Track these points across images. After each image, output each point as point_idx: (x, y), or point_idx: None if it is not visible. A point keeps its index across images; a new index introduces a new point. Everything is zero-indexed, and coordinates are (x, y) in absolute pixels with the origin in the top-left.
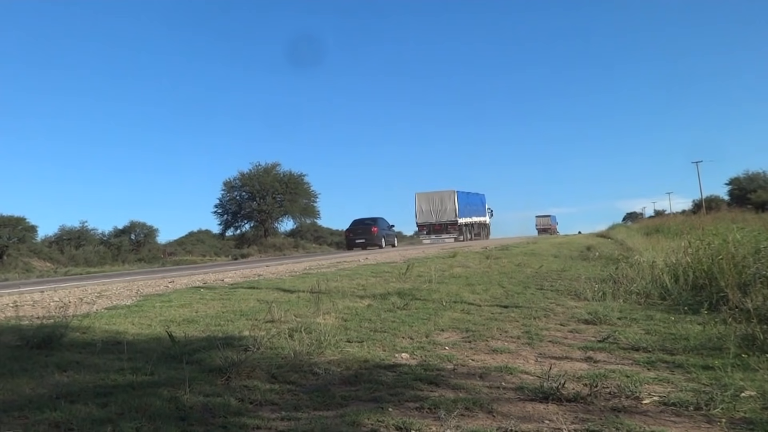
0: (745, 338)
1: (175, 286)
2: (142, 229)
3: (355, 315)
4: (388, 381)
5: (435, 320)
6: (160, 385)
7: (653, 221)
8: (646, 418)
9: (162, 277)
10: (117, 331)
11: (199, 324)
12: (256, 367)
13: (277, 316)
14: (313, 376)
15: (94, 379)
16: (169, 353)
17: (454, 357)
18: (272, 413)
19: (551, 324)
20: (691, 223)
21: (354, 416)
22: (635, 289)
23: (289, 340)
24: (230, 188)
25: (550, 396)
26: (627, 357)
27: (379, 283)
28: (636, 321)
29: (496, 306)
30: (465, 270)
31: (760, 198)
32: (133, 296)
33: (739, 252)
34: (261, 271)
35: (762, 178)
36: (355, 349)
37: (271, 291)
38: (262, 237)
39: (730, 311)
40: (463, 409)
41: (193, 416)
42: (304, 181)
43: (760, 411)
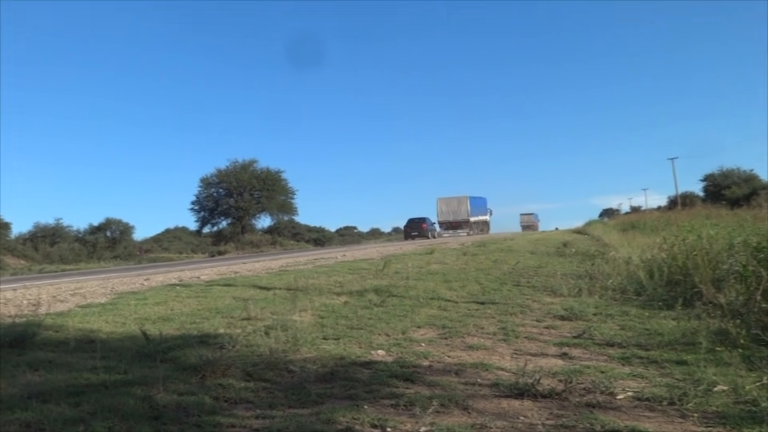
0: (718, 333)
1: (150, 284)
2: (117, 226)
3: (332, 312)
4: (363, 378)
5: (411, 317)
6: (133, 383)
7: (629, 217)
8: (620, 414)
9: (137, 274)
10: (91, 330)
11: (174, 322)
12: (231, 365)
13: (253, 313)
14: (289, 374)
15: (67, 378)
16: (144, 352)
17: (430, 354)
18: (247, 411)
19: (527, 320)
20: (666, 219)
21: (329, 414)
22: (611, 285)
23: (265, 337)
24: (207, 185)
25: (526, 392)
26: (602, 353)
27: (356, 279)
28: (611, 317)
29: (472, 302)
30: (442, 267)
31: (734, 194)
32: (107, 294)
33: (713, 248)
34: (238, 268)
35: (736, 174)
36: (331, 346)
37: (247, 288)
38: (240, 234)
39: (703, 306)
40: (439, 406)
41: (166, 415)
42: (281, 177)
43: (732, 405)
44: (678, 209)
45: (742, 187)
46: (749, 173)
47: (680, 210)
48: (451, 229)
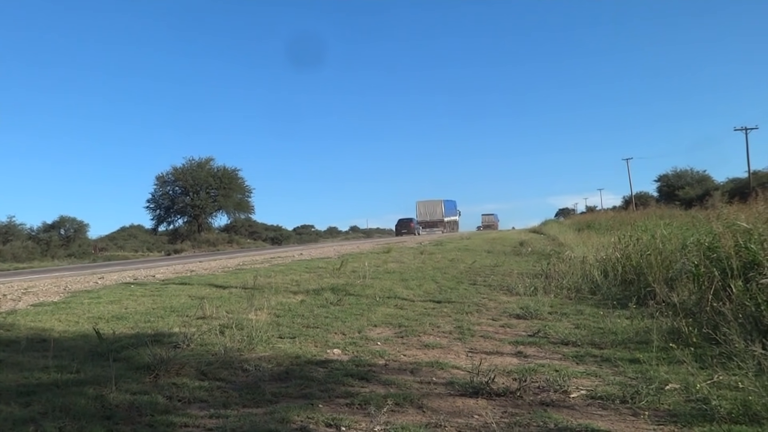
0: (671, 332)
1: (104, 282)
2: (72, 224)
3: (288, 311)
4: (319, 377)
5: (368, 316)
6: (85, 383)
7: (585, 217)
8: (573, 412)
9: (92, 273)
10: (43, 329)
11: (128, 321)
12: (185, 364)
13: (208, 312)
14: (244, 373)
15: (18, 377)
16: (97, 351)
17: (386, 352)
18: (201, 411)
19: (483, 319)
20: (620, 219)
21: (284, 413)
22: (566, 284)
23: (220, 336)
24: (163, 183)
25: (480, 391)
26: (556, 351)
27: (313, 278)
28: (566, 315)
29: (429, 301)
30: (399, 265)
31: (688, 195)
32: (60, 293)
33: (667, 248)
34: (193, 266)
35: (689, 175)
36: (286, 345)
37: (203, 287)
38: (196, 232)
39: (657, 305)
40: (393, 405)
41: (118, 415)
42: (238, 176)
43: (683, 403)
44: (632, 209)
45: (695, 187)
46: (702, 174)
47: (634, 210)
48: (428, 227)
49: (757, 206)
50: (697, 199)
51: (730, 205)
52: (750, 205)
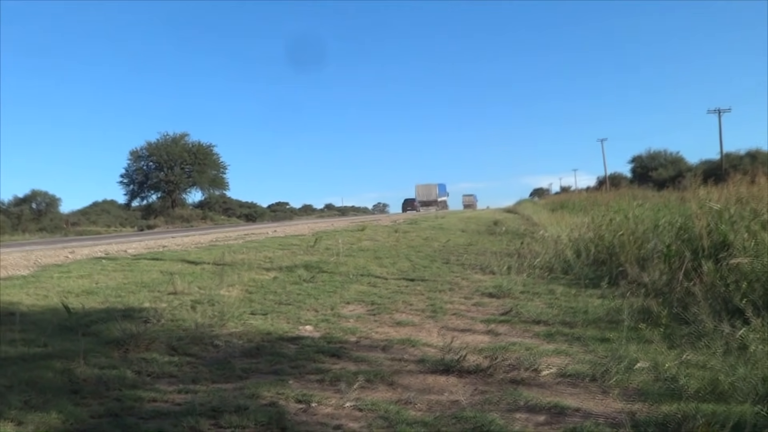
0: (641, 311)
1: (75, 257)
2: (43, 198)
3: (261, 287)
4: (290, 353)
5: (341, 293)
6: (53, 357)
7: (559, 197)
8: (543, 390)
9: (63, 247)
10: (11, 302)
11: (98, 295)
12: (155, 340)
13: (180, 287)
14: (214, 349)
15: None
16: (65, 325)
17: (358, 330)
18: (170, 386)
19: (456, 297)
20: (594, 199)
21: (254, 389)
22: (539, 264)
23: (191, 312)
24: (137, 158)
25: (451, 368)
26: (528, 330)
27: (287, 255)
28: (538, 295)
29: (402, 279)
30: (373, 243)
31: (661, 176)
32: (30, 266)
33: (639, 228)
34: (166, 242)
35: (663, 156)
36: (258, 321)
37: (175, 262)
38: (170, 208)
39: (628, 285)
40: (364, 381)
41: (86, 389)
42: (213, 152)
43: (652, 382)
44: (606, 190)
45: (668, 169)
46: (676, 156)
47: (608, 190)
48: (425, 206)
49: (728, 188)
50: (670, 180)
51: (702, 187)
52: (722, 187)
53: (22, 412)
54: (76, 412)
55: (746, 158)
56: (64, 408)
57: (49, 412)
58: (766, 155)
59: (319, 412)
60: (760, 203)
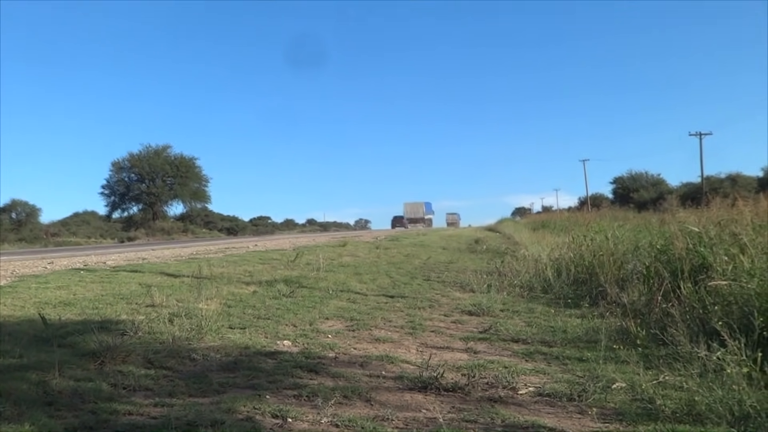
0: (619, 332)
1: (54, 268)
2: (23, 208)
3: (240, 301)
4: (267, 368)
5: (320, 308)
6: (28, 368)
7: (540, 217)
8: (520, 408)
9: (41, 257)
10: None
11: (75, 307)
12: (132, 352)
13: (158, 300)
14: (191, 362)
15: None
16: (42, 336)
17: (337, 345)
18: (146, 399)
19: (435, 314)
20: (575, 219)
21: (230, 403)
22: (519, 282)
23: (168, 325)
24: (119, 169)
25: (429, 385)
26: (506, 348)
27: (267, 270)
28: (518, 313)
29: (382, 296)
30: (354, 259)
31: (642, 197)
32: (7, 277)
33: (619, 248)
34: (146, 254)
35: (644, 178)
36: (236, 335)
37: (154, 275)
38: (151, 220)
39: (607, 305)
40: (341, 398)
41: (61, 401)
42: (195, 164)
43: (629, 402)
44: (587, 210)
45: (649, 190)
46: (657, 178)
47: (589, 211)
48: (412, 223)
49: (708, 210)
50: (651, 201)
51: (682, 209)
52: (702, 210)
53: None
54: (50, 424)
55: (726, 182)
56: (38, 420)
57: (22, 423)
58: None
59: (295, 427)
60: (739, 226)
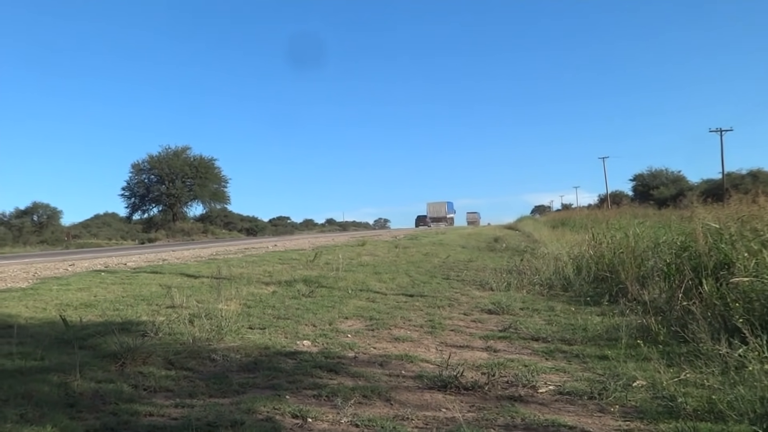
0: (640, 329)
1: (75, 270)
2: (45, 210)
3: (259, 302)
4: (287, 368)
5: (339, 308)
6: (50, 370)
7: (560, 214)
8: (541, 407)
9: (63, 260)
10: (9, 315)
11: (96, 308)
12: (152, 353)
13: (178, 301)
14: (212, 363)
15: None
16: (63, 338)
17: (356, 345)
18: (166, 400)
19: (455, 313)
20: (595, 216)
21: (250, 403)
22: (539, 280)
23: (188, 326)
24: (138, 171)
25: (449, 384)
26: (526, 347)
27: (286, 270)
28: (538, 311)
29: (401, 295)
30: (373, 258)
31: (662, 194)
32: (29, 279)
33: (639, 246)
34: (166, 255)
35: (664, 175)
36: (256, 335)
37: (174, 276)
38: (171, 221)
39: (628, 303)
40: (361, 397)
41: (82, 403)
42: (214, 165)
43: (650, 400)
44: (607, 207)
45: (669, 187)
46: (677, 174)
47: (609, 208)
48: (435, 222)
49: (729, 207)
50: (671, 198)
51: (704, 206)
52: (723, 206)
53: (18, 426)
54: (71, 425)
55: (747, 178)
56: (59, 422)
57: (44, 425)
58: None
59: (315, 427)
60: (760, 223)
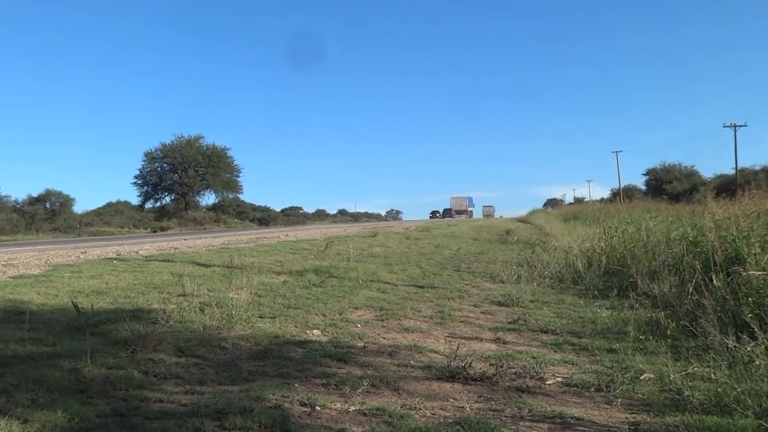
0: (649, 323)
1: (87, 257)
2: (57, 197)
3: (270, 291)
4: (297, 357)
5: (350, 298)
6: (61, 356)
7: (572, 208)
8: (548, 399)
9: (75, 247)
10: (21, 301)
11: (108, 295)
12: (163, 341)
13: (189, 289)
14: (222, 351)
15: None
16: (74, 324)
17: (366, 335)
18: (176, 387)
19: (465, 305)
20: (607, 210)
21: (259, 391)
22: (549, 273)
23: (199, 314)
24: (151, 159)
25: (457, 375)
26: (535, 339)
27: (297, 259)
28: (547, 304)
29: (412, 286)
30: (384, 250)
31: (675, 189)
32: (42, 266)
33: (651, 240)
34: (178, 244)
35: (677, 170)
36: (266, 324)
37: (185, 264)
38: (183, 210)
39: (637, 297)
40: (369, 386)
41: (93, 388)
42: (227, 155)
43: (657, 393)
44: (620, 201)
45: (682, 182)
46: (690, 169)
47: (622, 202)
48: (458, 214)
49: (742, 202)
50: (684, 193)
51: (716, 200)
52: (736, 201)
53: (29, 411)
54: (82, 411)
55: (761, 173)
56: (70, 407)
57: (55, 410)
58: None
59: (323, 415)
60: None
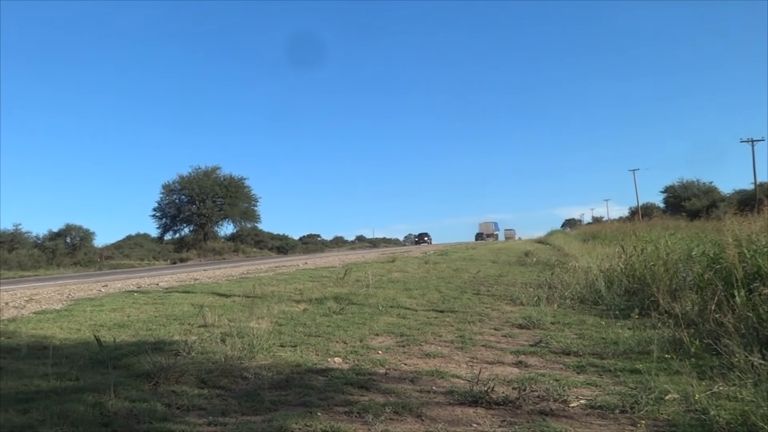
0: (672, 342)
1: (108, 290)
2: (78, 232)
3: (290, 319)
4: (319, 385)
5: (370, 325)
6: (84, 390)
7: (590, 228)
8: (572, 422)
9: (96, 281)
10: (44, 336)
11: (129, 328)
12: (185, 372)
13: (210, 320)
14: (243, 381)
15: (17, 384)
16: (97, 358)
17: (387, 361)
18: (199, 418)
19: (485, 328)
20: (626, 229)
21: (282, 421)
22: (570, 294)
23: (220, 344)
24: (169, 191)
25: (480, 400)
26: (558, 361)
27: (317, 287)
28: (569, 325)
29: (431, 311)
30: (403, 275)
31: (694, 206)
32: (63, 300)
33: (671, 258)
34: (198, 275)
35: (696, 186)
36: (287, 353)
37: (206, 295)
38: (202, 241)
39: (659, 316)
40: (392, 413)
41: (117, 422)
42: (244, 185)
43: (682, 413)
44: (638, 220)
45: (701, 199)
46: (709, 185)
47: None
48: (485, 237)
49: (762, 217)
50: (703, 210)
51: (736, 216)
52: (756, 217)
53: None
54: None
55: None
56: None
57: None
58: None
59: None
60: None
